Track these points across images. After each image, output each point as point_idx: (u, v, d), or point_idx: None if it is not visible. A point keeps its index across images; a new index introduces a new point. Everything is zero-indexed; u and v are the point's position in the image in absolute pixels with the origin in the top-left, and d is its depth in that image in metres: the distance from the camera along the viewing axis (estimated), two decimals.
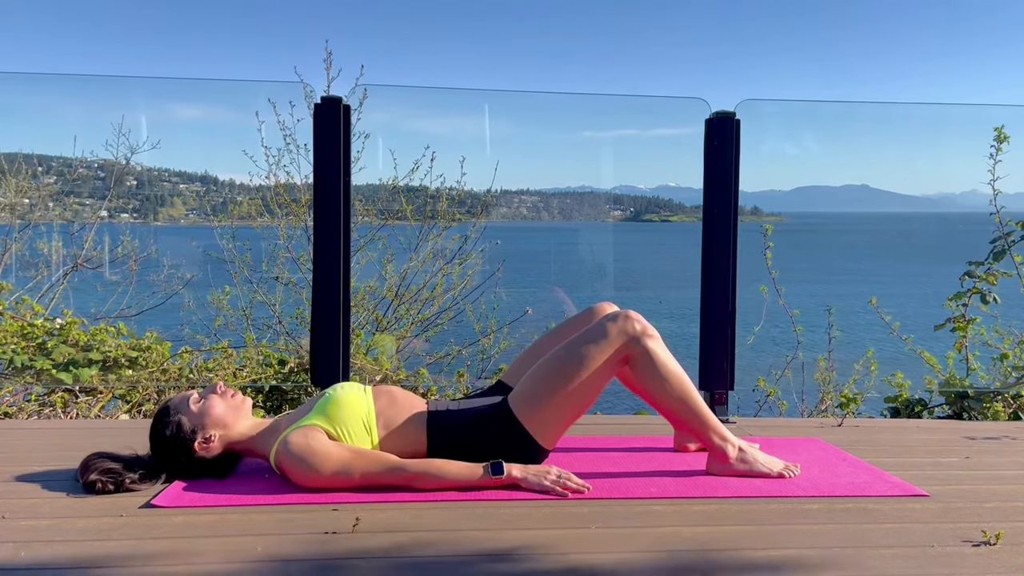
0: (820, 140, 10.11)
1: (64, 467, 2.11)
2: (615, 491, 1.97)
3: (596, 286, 6.04)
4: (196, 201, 5.46)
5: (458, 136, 5.42)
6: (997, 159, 3.65)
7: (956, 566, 1.53)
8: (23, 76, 5.88)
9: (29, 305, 3.96)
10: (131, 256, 4.66)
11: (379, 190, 4.85)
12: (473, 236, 4.78)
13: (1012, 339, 3.81)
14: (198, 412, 2.00)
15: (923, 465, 2.31)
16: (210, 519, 1.74)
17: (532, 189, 6.33)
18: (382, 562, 1.52)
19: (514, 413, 2.02)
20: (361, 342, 4.04)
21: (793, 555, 1.58)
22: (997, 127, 3.63)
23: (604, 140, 6.34)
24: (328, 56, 4.21)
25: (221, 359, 3.88)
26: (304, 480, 1.92)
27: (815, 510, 1.86)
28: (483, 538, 1.65)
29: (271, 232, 4.69)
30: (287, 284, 4.57)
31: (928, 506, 1.91)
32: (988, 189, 3.68)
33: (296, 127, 4.37)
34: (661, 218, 8.39)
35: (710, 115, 2.97)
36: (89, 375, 3.42)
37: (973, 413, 3.43)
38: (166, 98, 4.80)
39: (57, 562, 1.50)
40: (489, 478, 1.93)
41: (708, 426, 2.10)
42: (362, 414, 2.01)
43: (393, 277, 4.64)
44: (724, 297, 2.94)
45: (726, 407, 2.94)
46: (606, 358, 2.01)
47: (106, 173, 4.94)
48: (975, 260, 3.72)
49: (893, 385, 3.64)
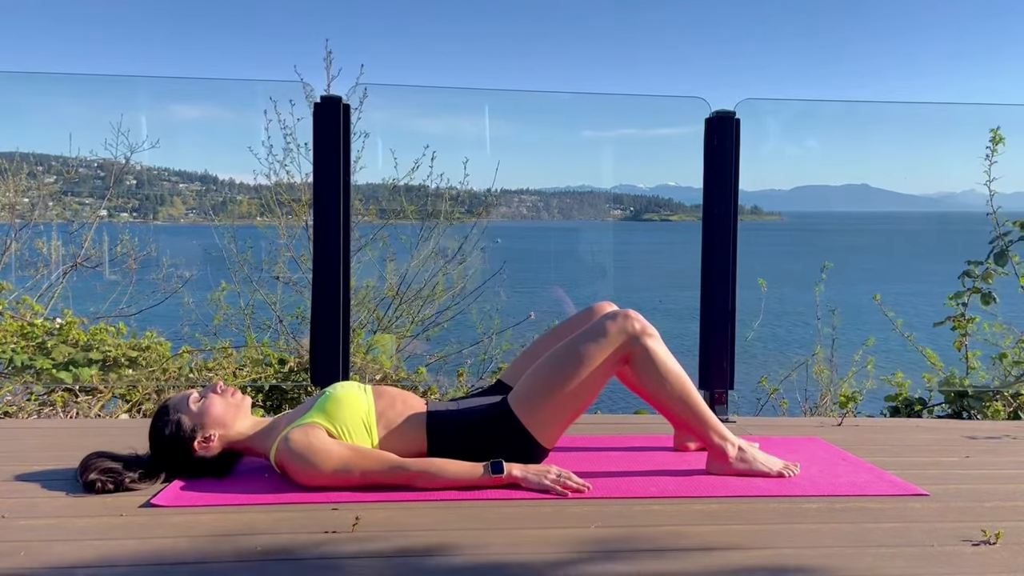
0: (820, 140, 10.11)
1: (64, 466, 2.11)
2: (615, 490, 1.97)
3: (596, 285, 6.04)
4: (196, 200, 5.46)
5: (458, 136, 5.42)
6: (993, 160, 3.66)
7: (956, 565, 1.53)
8: (22, 75, 5.88)
9: (29, 305, 3.96)
10: (130, 255, 4.65)
11: (379, 189, 4.85)
12: (473, 236, 4.78)
13: (1012, 338, 3.81)
14: (198, 411, 2.00)
15: (923, 464, 2.31)
16: (210, 518, 1.74)
17: (532, 189, 6.34)
18: (381, 561, 1.52)
19: (514, 412, 2.02)
20: (361, 341, 4.04)
21: (793, 554, 1.58)
22: (993, 129, 3.63)
23: (604, 139, 6.34)
24: (328, 55, 4.21)
25: (221, 358, 3.88)
26: (304, 478, 1.92)
27: (815, 509, 1.86)
28: (483, 537, 1.65)
29: (271, 231, 4.69)
30: (287, 283, 4.57)
31: (928, 505, 1.91)
32: (986, 189, 3.69)
33: (296, 126, 4.37)
34: (661, 217, 8.40)
35: (710, 114, 2.97)
36: (89, 374, 3.42)
37: (973, 412, 3.43)
38: (166, 97, 4.80)
39: (57, 561, 1.50)
40: (489, 477, 1.93)
41: (708, 425, 2.10)
42: (362, 413, 2.01)
43: (394, 277, 4.64)
44: (724, 296, 2.94)
45: (726, 406, 2.94)
46: (606, 357, 2.01)
47: (105, 172, 4.93)
48: (974, 260, 3.72)
49: (893, 384, 3.64)
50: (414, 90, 5.91)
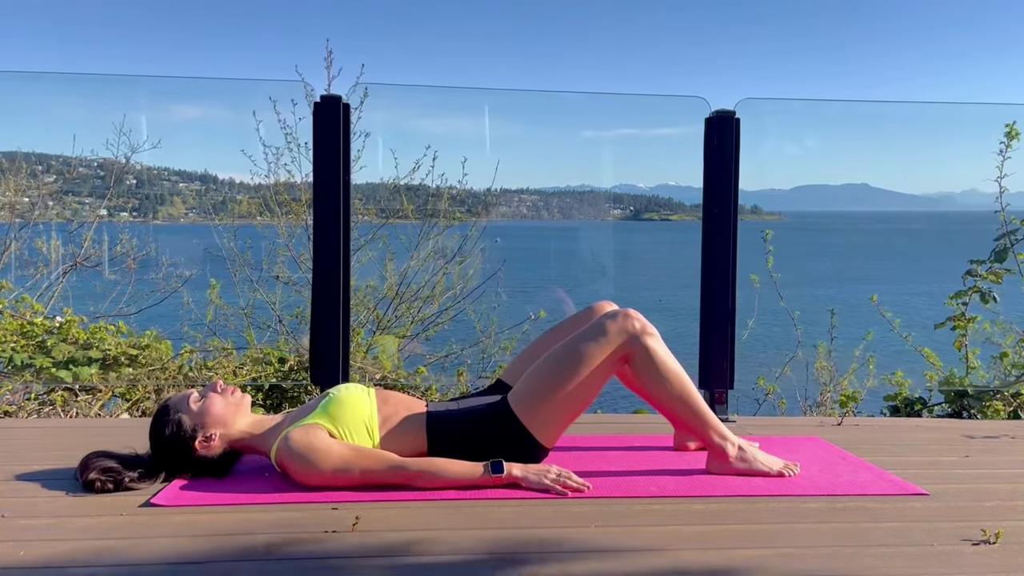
0: (820, 139, 10.12)
1: (63, 466, 2.11)
2: (615, 490, 1.97)
3: (596, 285, 6.04)
4: (196, 200, 5.46)
5: (458, 135, 5.42)
6: (1007, 155, 3.62)
7: (956, 565, 1.53)
8: (22, 75, 5.87)
9: (28, 304, 3.96)
10: (130, 255, 4.65)
11: (379, 189, 4.85)
12: (473, 235, 4.78)
13: (1013, 337, 3.81)
14: (198, 411, 2.00)
15: (923, 464, 2.31)
16: (209, 518, 1.74)
17: (532, 188, 6.34)
18: (382, 561, 1.52)
19: (514, 412, 2.02)
20: (361, 340, 4.04)
21: (793, 554, 1.58)
22: (1009, 123, 3.58)
23: (604, 139, 6.34)
24: (329, 55, 4.21)
25: (221, 357, 3.88)
26: (305, 477, 1.92)
27: (815, 509, 1.86)
28: (483, 537, 1.65)
29: (271, 231, 4.69)
30: (287, 283, 4.57)
31: (928, 505, 1.91)
32: (989, 188, 3.67)
33: (297, 126, 4.37)
34: (661, 217, 8.40)
35: (710, 114, 2.96)
36: (89, 373, 3.42)
37: (973, 412, 3.43)
38: (166, 97, 4.80)
39: (57, 561, 1.50)
40: (489, 477, 1.93)
41: (708, 425, 2.10)
42: (364, 415, 2.01)
43: (394, 276, 4.64)
44: (724, 296, 2.94)
45: (726, 406, 2.94)
46: (606, 356, 2.01)
47: (105, 172, 4.93)
48: (976, 259, 3.71)
49: (893, 383, 3.64)
50: (414, 89, 5.91)
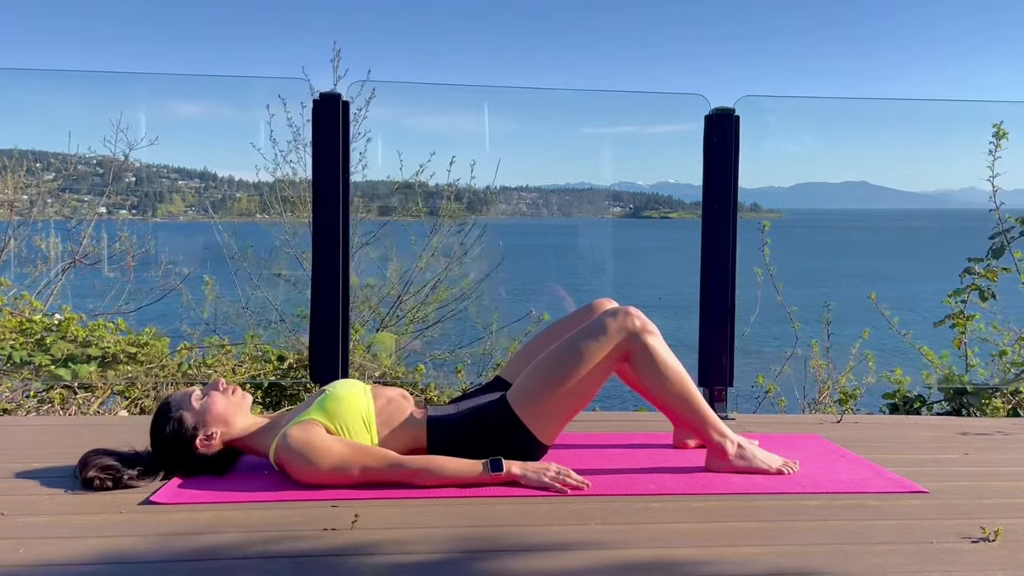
0: (820, 137, 10.11)
1: (63, 464, 2.10)
2: (614, 488, 1.97)
3: (595, 282, 6.04)
4: (195, 197, 5.46)
5: (457, 133, 5.42)
6: (996, 155, 3.65)
7: (955, 562, 1.53)
8: (21, 72, 5.86)
9: (28, 301, 3.95)
10: (129, 252, 4.65)
11: (379, 186, 4.85)
12: (473, 233, 4.78)
13: (1011, 335, 3.81)
14: (200, 409, 2.00)
15: (922, 461, 2.31)
16: (209, 516, 1.74)
17: (532, 186, 6.33)
18: (381, 559, 1.52)
19: (513, 410, 2.02)
20: (360, 338, 4.04)
21: (793, 551, 1.58)
22: (996, 123, 3.63)
23: (604, 136, 6.34)
24: (336, 55, 4.21)
25: (220, 355, 3.88)
26: (303, 475, 1.91)
27: (814, 506, 1.87)
28: (482, 535, 1.65)
29: (272, 228, 4.69)
30: (287, 280, 4.57)
31: (927, 502, 1.91)
32: (987, 186, 3.68)
33: (304, 125, 4.36)
34: (660, 214, 8.39)
35: (710, 111, 2.96)
36: (88, 371, 3.42)
37: (972, 409, 3.43)
38: (165, 94, 4.80)
39: (56, 559, 1.50)
40: (488, 475, 1.93)
41: (707, 422, 2.10)
42: (362, 411, 2.01)
43: (394, 274, 4.64)
44: (723, 294, 2.93)
45: (725, 403, 2.94)
46: (605, 354, 2.01)
47: (104, 169, 4.93)
48: (975, 257, 3.72)
49: (892, 381, 3.64)
50: (413, 87, 5.90)
